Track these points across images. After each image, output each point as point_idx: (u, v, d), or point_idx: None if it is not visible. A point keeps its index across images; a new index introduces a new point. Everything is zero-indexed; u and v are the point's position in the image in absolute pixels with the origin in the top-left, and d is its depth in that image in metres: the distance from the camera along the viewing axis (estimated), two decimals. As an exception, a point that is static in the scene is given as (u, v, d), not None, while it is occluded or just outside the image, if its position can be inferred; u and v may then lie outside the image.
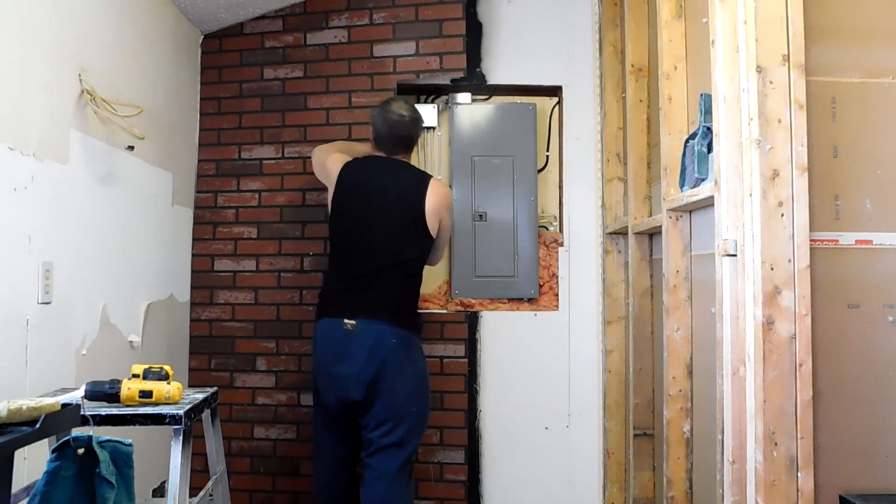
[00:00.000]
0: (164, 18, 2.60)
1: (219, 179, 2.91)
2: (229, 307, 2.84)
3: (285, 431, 2.78)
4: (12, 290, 1.65)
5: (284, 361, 2.78)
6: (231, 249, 2.87)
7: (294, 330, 2.78)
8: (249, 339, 2.81)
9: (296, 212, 2.82)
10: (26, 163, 1.70)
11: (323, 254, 2.76)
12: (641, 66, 2.63)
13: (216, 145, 2.93)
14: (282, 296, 2.81)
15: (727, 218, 1.68)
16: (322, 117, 2.84)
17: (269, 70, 2.92)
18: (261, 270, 2.83)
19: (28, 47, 1.72)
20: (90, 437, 1.34)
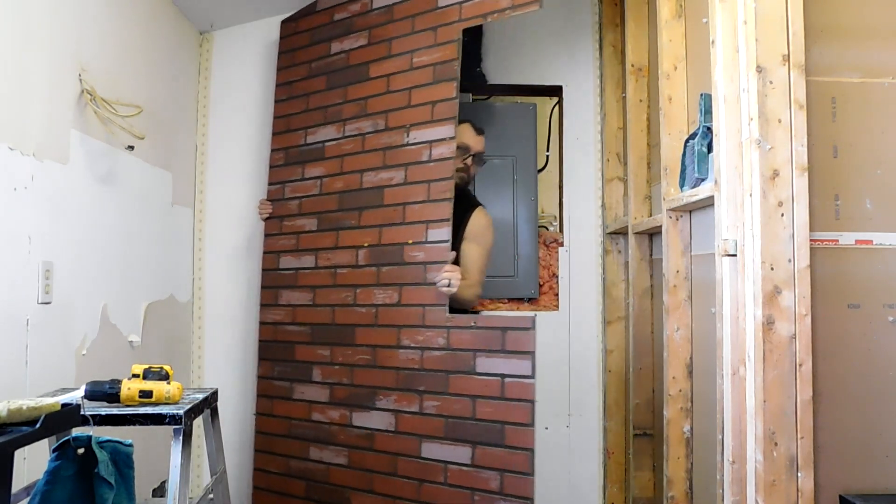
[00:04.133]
0: (163, 18, 2.60)
1: (287, 169, 2.71)
2: (290, 309, 2.61)
3: (337, 455, 2.42)
4: (12, 291, 1.65)
5: (337, 373, 2.44)
6: (294, 244, 2.63)
7: (348, 336, 2.42)
8: (307, 346, 2.54)
9: (353, 197, 2.51)
10: (26, 163, 1.69)
11: (378, 244, 2.41)
12: (641, 66, 2.63)
13: (286, 132, 2.75)
14: (336, 295, 2.49)
15: (727, 218, 1.68)
16: (383, 86, 2.54)
17: (335, 44, 2.70)
18: (318, 267, 2.55)
19: (28, 47, 1.71)
20: (90, 437, 1.34)
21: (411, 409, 2.24)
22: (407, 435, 2.24)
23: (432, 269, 2.23)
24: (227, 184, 2.96)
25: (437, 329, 2.21)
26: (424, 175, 2.32)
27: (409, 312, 2.29)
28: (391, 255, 2.36)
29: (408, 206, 2.35)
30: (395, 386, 2.27)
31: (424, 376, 2.23)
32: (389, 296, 2.34)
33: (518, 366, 2.07)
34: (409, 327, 2.27)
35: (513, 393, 2.08)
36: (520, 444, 2.05)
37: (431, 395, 2.20)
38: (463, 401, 2.14)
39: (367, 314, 2.38)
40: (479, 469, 2.09)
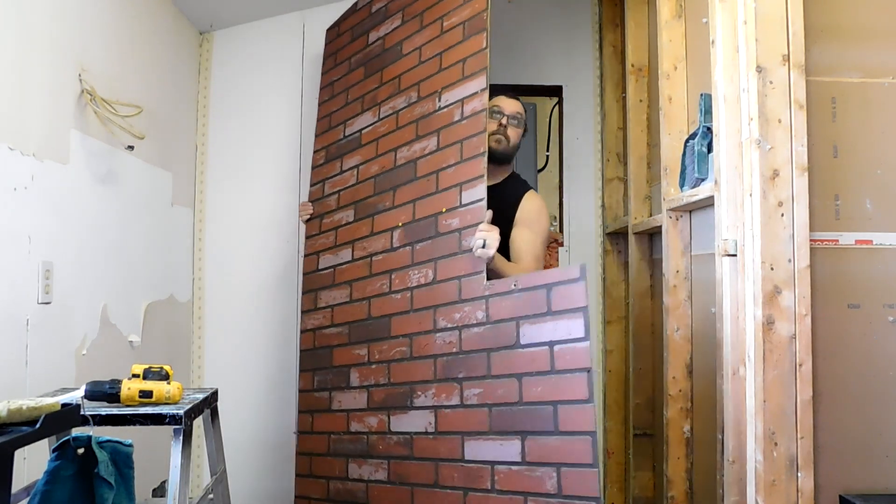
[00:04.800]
0: (163, 18, 2.60)
1: (327, 166, 2.62)
2: (329, 310, 2.45)
3: (376, 470, 2.16)
4: (12, 290, 1.65)
5: (374, 372, 2.22)
6: (332, 241, 2.49)
7: (383, 328, 2.21)
8: (344, 348, 2.35)
9: (387, 178, 2.36)
10: (26, 163, 1.69)
11: (412, 221, 2.21)
12: (641, 66, 2.63)
13: (327, 131, 2.70)
14: (372, 286, 2.29)
15: (727, 218, 1.68)
16: (415, 58, 2.43)
17: (373, 33, 2.64)
18: (355, 259, 2.38)
19: (28, 47, 1.71)
20: (90, 437, 1.34)
21: (451, 402, 1.95)
22: (448, 435, 1.96)
23: (467, 235, 1.98)
24: (226, 184, 2.96)
25: (475, 301, 1.93)
26: (457, 135, 2.13)
27: (444, 289, 2.03)
28: (425, 228, 2.15)
29: (441, 173, 2.15)
30: (434, 378, 2.01)
31: (464, 360, 1.93)
32: (424, 275, 2.10)
33: (568, 327, 1.69)
34: (445, 306, 2.01)
35: (564, 362, 1.69)
36: (577, 428, 1.65)
37: (472, 382, 1.90)
38: (508, 383, 1.81)
39: (403, 300, 2.17)
40: (532, 467, 1.73)
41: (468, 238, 1.96)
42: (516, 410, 1.78)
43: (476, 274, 1.94)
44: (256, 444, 2.90)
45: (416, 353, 2.09)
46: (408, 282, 2.16)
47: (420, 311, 2.10)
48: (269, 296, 2.94)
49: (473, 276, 1.95)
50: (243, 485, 2.84)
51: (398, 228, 2.24)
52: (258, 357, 2.93)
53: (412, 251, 2.17)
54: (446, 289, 2.03)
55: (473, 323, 1.93)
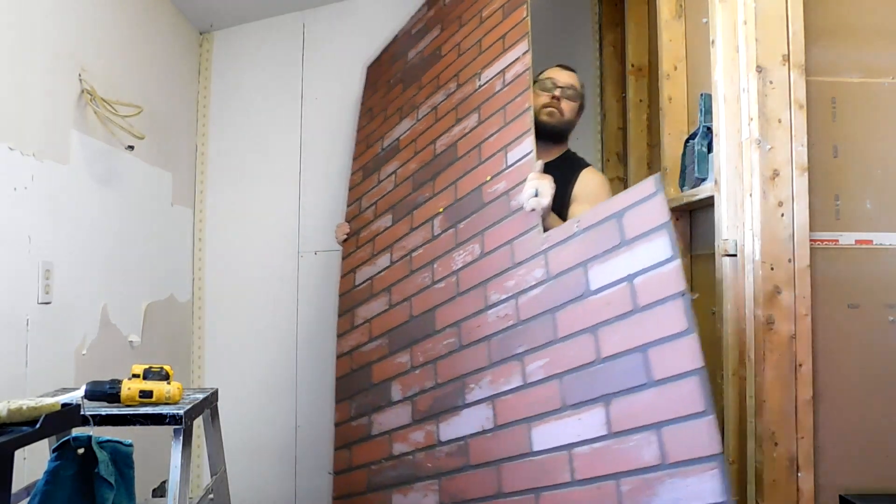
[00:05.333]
0: (163, 18, 2.60)
1: (363, 183, 2.55)
2: (366, 325, 2.23)
3: (425, 495, 1.84)
4: (12, 290, 1.65)
5: (419, 378, 1.94)
6: (369, 252, 2.34)
7: (428, 324, 1.95)
8: (384, 360, 2.11)
9: (427, 169, 2.22)
10: (26, 163, 1.69)
11: (454, 202, 2.01)
12: (641, 66, 2.63)
13: (364, 152, 2.64)
14: (413, 283, 2.07)
15: (727, 218, 1.68)
16: (454, 54, 2.35)
17: (412, 52, 2.62)
18: (394, 262, 2.19)
19: (28, 47, 1.71)
20: (90, 437, 1.34)
21: (512, 383, 1.62)
22: (510, 426, 1.61)
23: (516, 194, 1.74)
24: (226, 184, 2.96)
25: (532, 260, 1.64)
26: (500, 102, 1.98)
27: (494, 260, 1.78)
28: (468, 204, 1.95)
29: (483, 144, 1.97)
30: (488, 362, 1.71)
31: (523, 331, 1.62)
32: (470, 251, 1.87)
33: (650, 251, 1.37)
34: (496, 277, 1.75)
35: (650, 294, 1.35)
36: (677, 370, 1.27)
37: (536, 353, 1.57)
38: (580, 341, 1.47)
39: (448, 286, 1.92)
40: (622, 437, 1.33)
41: (517, 197, 1.72)
42: (594, 372, 1.42)
43: (530, 230, 1.67)
44: (256, 444, 2.90)
45: (465, 340, 1.80)
46: (452, 265, 1.91)
47: (468, 292, 1.83)
48: (268, 296, 2.94)
49: (527, 234, 1.67)
50: (243, 485, 2.84)
51: (439, 215, 2.03)
52: (258, 357, 2.93)
53: (455, 232, 1.94)
54: (497, 259, 1.76)
55: (532, 284, 1.62)
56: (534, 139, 1.79)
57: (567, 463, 1.44)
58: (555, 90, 2.00)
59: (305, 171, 2.96)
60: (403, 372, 2.00)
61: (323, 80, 2.98)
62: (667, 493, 1.24)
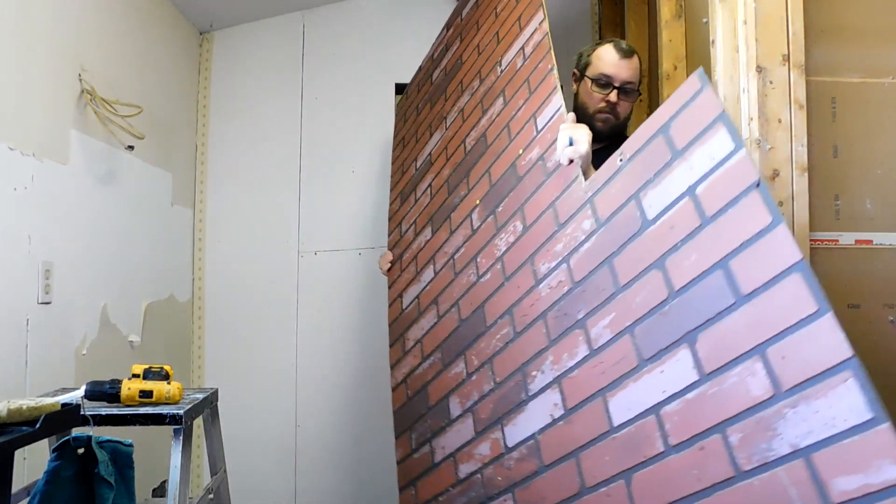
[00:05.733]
0: (163, 18, 2.60)
1: (401, 208, 2.44)
2: (418, 346, 2.07)
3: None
4: (12, 290, 1.65)
5: (476, 384, 1.74)
6: (413, 270, 2.21)
7: (478, 324, 1.77)
8: (439, 377, 1.93)
9: (459, 170, 2.11)
10: (26, 163, 1.69)
11: (489, 190, 1.87)
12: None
13: (399, 179, 2.56)
14: (458, 285, 1.91)
15: (727, 218, 1.68)
16: (474, 56, 2.28)
17: (436, 72, 2.58)
18: (438, 272, 2.05)
19: (28, 47, 1.71)
20: (90, 437, 1.34)
21: (577, 356, 1.39)
22: (583, 405, 1.37)
23: (551, 155, 1.60)
24: (226, 184, 2.96)
25: (577, 214, 1.46)
26: (523, 76, 1.86)
27: (538, 229, 1.61)
28: (504, 185, 1.82)
29: (512, 121, 1.86)
30: (548, 341, 1.49)
31: (580, 293, 1.41)
32: (512, 230, 1.73)
33: (710, 151, 1.16)
34: (542, 247, 1.57)
35: (717, 197, 1.12)
36: (770, 272, 1.02)
37: (599, 312, 1.36)
38: (647, 282, 1.24)
39: (494, 276, 1.77)
40: (717, 376, 1.08)
41: (552, 156, 1.58)
42: (669, 310, 1.20)
43: (570, 185, 1.50)
44: (256, 444, 2.90)
45: (520, 325, 1.62)
46: (495, 252, 1.78)
47: (515, 274, 1.67)
48: (268, 296, 2.94)
49: (568, 189, 1.50)
50: (243, 484, 2.84)
51: (476, 207, 1.92)
52: (258, 357, 2.93)
53: (494, 218, 1.82)
54: (540, 228, 1.60)
55: (581, 240, 1.43)
56: (561, 96, 1.65)
57: (656, 429, 1.18)
58: (609, 92, 1.75)
59: (305, 171, 2.96)
60: (460, 382, 1.82)
61: (323, 80, 2.98)
62: (791, 429, 0.96)
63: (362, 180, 2.95)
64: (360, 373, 2.90)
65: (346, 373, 2.91)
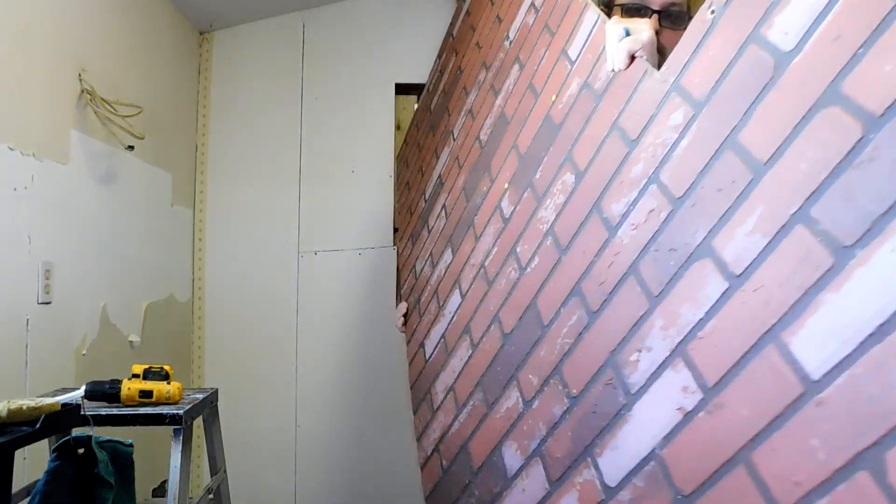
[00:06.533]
0: (163, 18, 2.60)
1: (414, 250, 2.24)
2: (450, 397, 1.64)
3: None
4: (12, 290, 1.65)
5: (539, 413, 1.23)
6: (435, 309, 1.90)
7: (531, 330, 1.31)
8: (483, 425, 1.43)
9: (478, 167, 1.84)
10: (26, 163, 1.69)
11: (518, 164, 1.55)
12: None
13: (409, 222, 2.45)
14: (496, 293, 1.51)
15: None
16: (474, 53, 2.14)
17: (433, 102, 2.51)
18: (466, 292, 1.70)
19: (28, 47, 1.71)
20: (90, 437, 1.34)
21: (709, 298, 0.89)
22: (736, 372, 0.84)
23: (600, 70, 1.28)
24: (226, 184, 2.96)
25: (657, 117, 1.07)
26: (538, 28, 1.62)
27: (598, 168, 1.21)
28: (538, 147, 1.47)
29: (535, 77, 1.57)
30: (650, 300, 0.99)
31: (691, 207, 0.96)
32: (560, 188, 1.33)
33: None
34: (610, 183, 1.15)
35: (861, 14, 0.73)
36: None
37: (734, 215, 0.90)
38: (795, 150, 0.81)
39: (545, 257, 1.33)
40: None
41: (601, 73, 1.26)
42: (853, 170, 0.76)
43: (638, 85, 1.13)
44: (256, 444, 2.90)
45: (597, 299, 1.13)
46: (541, 227, 1.38)
47: (575, 239, 1.24)
48: (268, 296, 2.94)
49: (635, 94, 1.13)
50: (243, 484, 2.84)
51: (506, 192, 1.59)
52: (258, 357, 2.93)
53: (531, 190, 1.46)
54: (601, 166, 1.21)
55: (673, 141, 1.02)
56: (595, 9, 1.35)
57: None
58: (650, 16, 1.29)
59: (305, 171, 2.96)
60: (515, 420, 1.32)
61: (323, 80, 2.98)
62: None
63: (362, 180, 2.95)
64: (359, 373, 2.90)
65: (345, 373, 2.91)
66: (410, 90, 3.01)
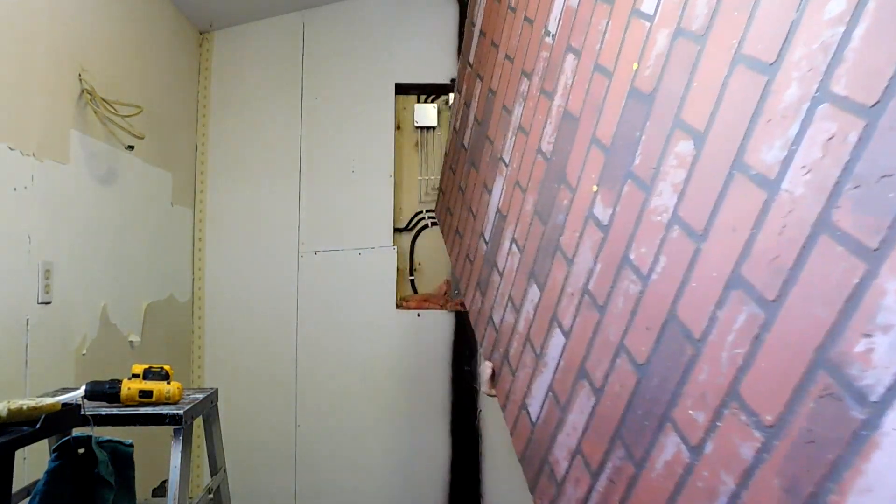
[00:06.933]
0: (163, 18, 2.60)
1: (486, 300, 1.95)
2: (578, 462, 1.28)
3: None
4: (12, 290, 1.65)
5: (717, 459, 0.83)
6: (531, 360, 1.57)
7: (676, 350, 0.96)
8: (633, 494, 1.06)
9: (549, 180, 1.57)
10: (26, 163, 1.69)
11: (605, 157, 1.29)
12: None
13: (470, 273, 2.23)
14: (612, 319, 1.19)
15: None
16: (507, 67, 1.96)
17: (465, 138, 2.34)
18: (570, 329, 1.37)
19: (28, 47, 1.71)
20: (90, 437, 1.34)
21: None
22: None
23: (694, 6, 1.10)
24: (226, 184, 2.96)
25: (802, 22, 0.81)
26: (589, 4, 1.44)
27: (725, 121, 0.96)
28: (627, 130, 1.24)
29: (601, 56, 1.38)
30: (865, 264, 0.66)
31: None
32: (676, 162, 1.06)
33: None
34: (749, 131, 0.88)
35: None
36: None
37: None
38: None
39: (676, 253, 1.03)
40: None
41: (696, 12, 1.04)
42: None
43: (759, 1, 0.90)
44: (256, 444, 2.90)
45: (770, 288, 0.83)
46: (661, 219, 1.09)
47: (717, 214, 0.93)
48: (268, 296, 2.94)
49: (759, 9, 0.89)
50: (243, 484, 2.84)
51: (596, 195, 1.35)
52: (258, 357, 2.93)
53: (633, 181, 1.19)
54: (730, 112, 0.96)
55: (834, 45, 0.80)
56: None
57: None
58: None
59: (305, 171, 2.96)
60: (683, 475, 0.95)
61: (323, 80, 2.98)
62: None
63: (362, 180, 2.95)
64: (359, 373, 2.90)
65: (345, 373, 2.91)
66: (410, 90, 3.01)
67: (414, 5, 2.97)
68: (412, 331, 2.89)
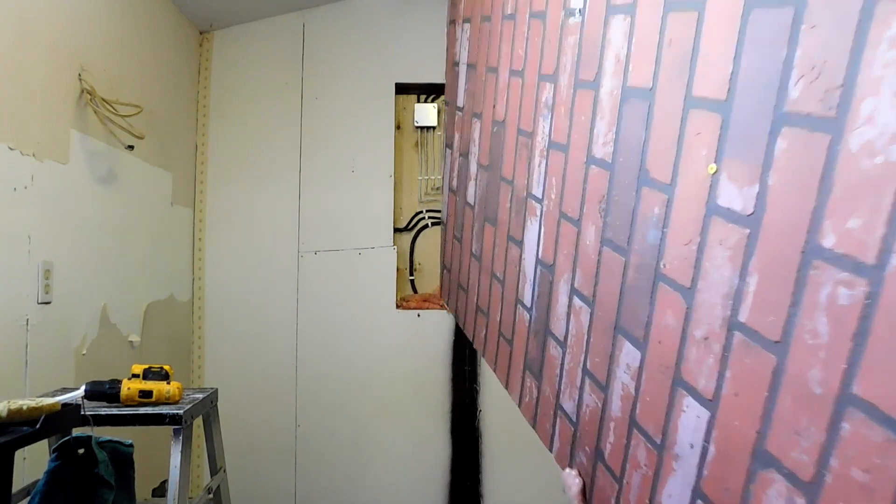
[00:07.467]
0: (163, 18, 2.60)
1: (528, 381, 1.65)
2: None
3: None
4: (12, 290, 1.65)
5: None
6: (653, 458, 1.07)
7: None
8: None
9: (620, 200, 1.18)
10: (26, 163, 1.69)
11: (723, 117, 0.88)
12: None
13: None
14: (790, 390, 0.74)
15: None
16: (516, 85, 1.73)
17: (470, 194, 2.16)
18: (717, 400, 0.89)
19: (28, 47, 1.71)
20: (90, 437, 1.34)
21: None
22: None
23: None
24: (226, 184, 2.96)
25: None
26: None
27: None
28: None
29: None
30: None
31: None
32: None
33: None
34: None
35: None
36: None
37: None
38: None
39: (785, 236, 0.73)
40: None
41: None
42: None
43: None
44: (256, 444, 2.90)
45: None
46: None
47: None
48: (268, 296, 2.94)
49: None
50: (243, 485, 2.84)
51: (717, 176, 0.89)
52: (258, 357, 2.93)
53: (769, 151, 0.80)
54: None
55: None
56: None
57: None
58: None
59: (305, 171, 2.96)
60: None
61: (323, 80, 2.98)
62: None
63: (362, 180, 2.95)
64: (359, 373, 2.90)
65: (345, 373, 2.91)
66: (410, 90, 3.01)
67: (414, 5, 2.97)
68: (412, 331, 2.89)
